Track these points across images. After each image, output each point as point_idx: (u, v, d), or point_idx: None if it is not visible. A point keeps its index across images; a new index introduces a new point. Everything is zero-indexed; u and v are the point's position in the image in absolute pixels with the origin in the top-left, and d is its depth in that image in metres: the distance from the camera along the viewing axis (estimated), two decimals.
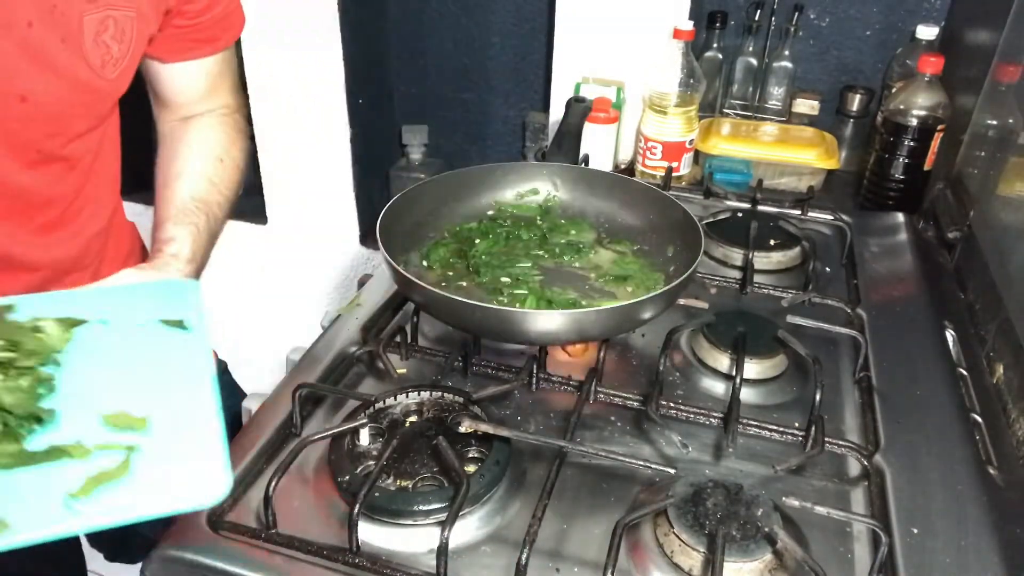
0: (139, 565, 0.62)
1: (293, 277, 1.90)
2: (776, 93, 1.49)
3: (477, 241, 0.94)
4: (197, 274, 0.78)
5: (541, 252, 0.94)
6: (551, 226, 0.99)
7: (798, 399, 0.81)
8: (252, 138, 1.75)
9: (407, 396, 0.75)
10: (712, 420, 0.77)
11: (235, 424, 0.91)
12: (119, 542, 1.20)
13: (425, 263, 0.92)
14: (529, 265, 0.92)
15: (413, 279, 0.76)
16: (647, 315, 0.78)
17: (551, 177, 1.03)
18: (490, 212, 1.01)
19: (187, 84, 0.86)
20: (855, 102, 1.51)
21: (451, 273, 0.91)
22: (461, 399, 0.75)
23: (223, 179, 0.85)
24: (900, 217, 1.16)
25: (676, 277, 0.83)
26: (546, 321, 0.75)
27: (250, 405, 0.79)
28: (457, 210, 0.99)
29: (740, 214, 1.14)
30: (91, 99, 0.73)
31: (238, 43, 0.90)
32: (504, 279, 0.89)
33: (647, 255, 0.94)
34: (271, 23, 1.58)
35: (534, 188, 1.03)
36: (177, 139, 0.86)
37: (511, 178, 1.03)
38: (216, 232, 0.83)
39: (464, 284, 0.89)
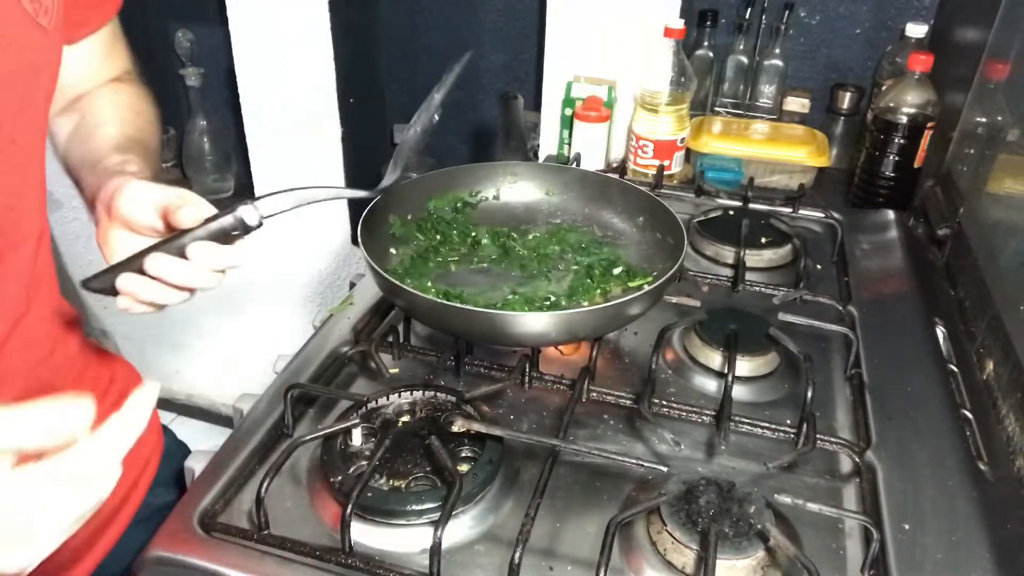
0: None
1: (284, 277, 1.90)
2: (767, 91, 1.49)
3: (454, 260, 0.93)
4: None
5: (524, 252, 0.94)
6: (540, 224, 0.98)
7: (790, 396, 0.81)
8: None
9: (399, 396, 0.75)
10: (704, 418, 0.77)
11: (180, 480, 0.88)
12: None
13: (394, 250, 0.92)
14: (512, 286, 0.90)
15: (395, 282, 0.76)
16: (633, 312, 0.78)
17: (541, 176, 1.03)
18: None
19: (82, 61, 0.79)
20: (845, 100, 1.51)
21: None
22: (454, 398, 0.75)
23: (145, 130, 0.78)
24: (890, 214, 1.16)
25: (663, 275, 0.83)
26: (533, 322, 0.75)
27: (241, 406, 0.79)
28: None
29: (731, 212, 1.14)
30: (36, 60, 0.65)
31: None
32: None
33: (634, 254, 0.94)
34: (262, 24, 1.57)
35: (521, 184, 1.02)
36: (83, 103, 0.78)
37: (493, 176, 1.02)
38: (158, 174, 0.73)
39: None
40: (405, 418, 0.73)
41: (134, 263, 0.60)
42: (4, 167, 0.64)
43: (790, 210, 1.16)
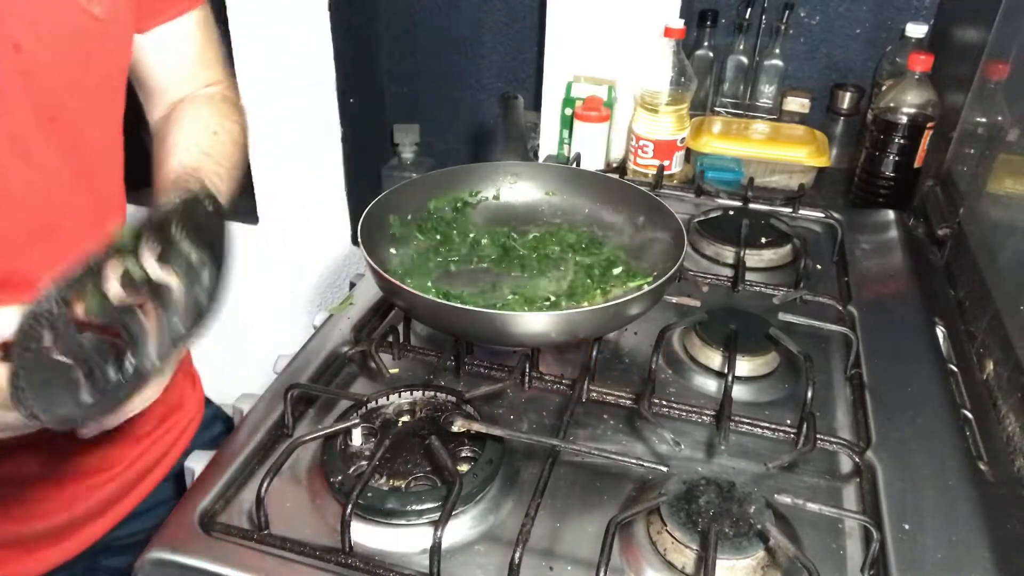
0: None
1: (284, 277, 1.90)
2: (767, 91, 1.49)
3: (454, 260, 0.93)
4: None
5: (524, 252, 0.94)
6: (540, 224, 0.98)
7: (790, 396, 0.81)
8: None
9: (399, 396, 0.75)
10: (704, 418, 0.77)
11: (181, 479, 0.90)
12: None
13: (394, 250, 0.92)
14: (512, 286, 0.90)
15: (395, 282, 0.76)
16: (633, 312, 0.78)
17: (541, 176, 1.03)
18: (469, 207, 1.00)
19: (169, 59, 0.82)
20: (845, 100, 1.51)
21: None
22: (454, 398, 0.75)
23: (218, 151, 0.80)
24: (891, 214, 1.16)
25: (663, 275, 0.83)
26: (533, 322, 0.75)
27: (241, 406, 0.79)
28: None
29: (731, 212, 1.14)
30: (86, 46, 0.68)
31: (225, 31, 0.86)
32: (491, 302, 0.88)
33: (634, 254, 0.94)
34: (261, 23, 1.57)
35: (521, 184, 1.02)
36: (168, 122, 0.82)
37: (493, 176, 1.02)
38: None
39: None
40: (405, 418, 0.73)
41: None
42: (42, 144, 0.67)
43: (790, 210, 1.16)
